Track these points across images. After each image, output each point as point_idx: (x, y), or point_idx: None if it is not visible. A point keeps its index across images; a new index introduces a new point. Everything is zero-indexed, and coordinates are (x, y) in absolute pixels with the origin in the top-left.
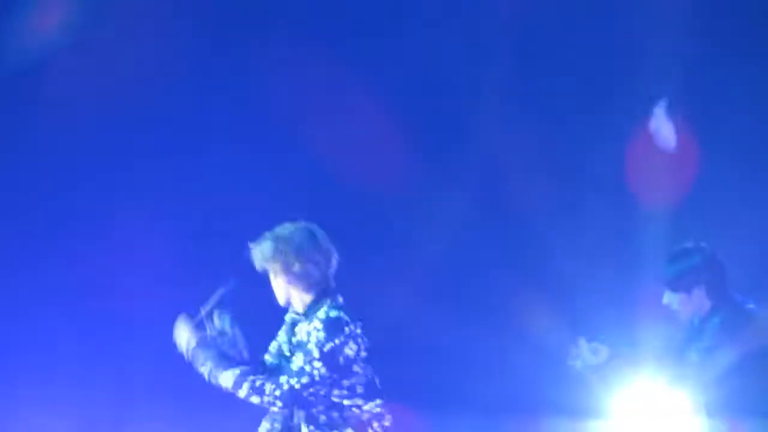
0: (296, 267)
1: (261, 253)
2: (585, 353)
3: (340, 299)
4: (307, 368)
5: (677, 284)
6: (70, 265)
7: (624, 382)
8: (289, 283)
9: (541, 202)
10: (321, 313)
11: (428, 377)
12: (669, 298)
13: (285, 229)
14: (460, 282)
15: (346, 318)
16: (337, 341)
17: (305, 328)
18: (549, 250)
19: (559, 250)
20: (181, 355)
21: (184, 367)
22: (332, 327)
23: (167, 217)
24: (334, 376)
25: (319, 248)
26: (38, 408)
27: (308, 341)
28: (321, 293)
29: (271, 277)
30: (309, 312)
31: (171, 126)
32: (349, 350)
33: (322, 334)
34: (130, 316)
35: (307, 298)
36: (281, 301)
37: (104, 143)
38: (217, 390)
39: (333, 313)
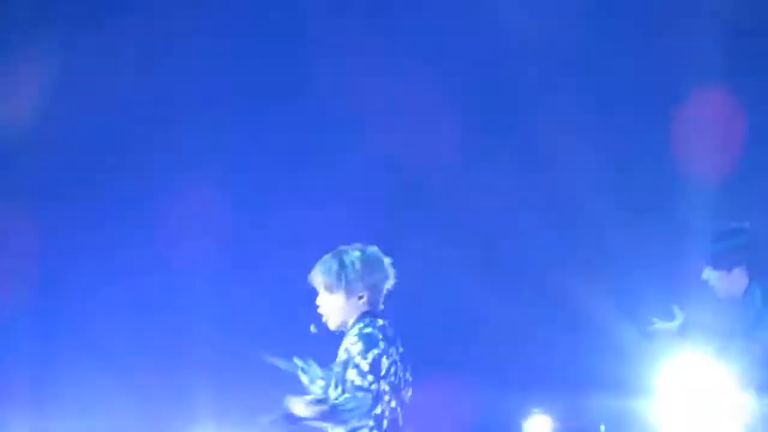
0: (355, 289)
1: (325, 271)
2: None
3: (381, 322)
4: (362, 382)
5: (719, 262)
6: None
7: (669, 357)
8: (343, 303)
9: (589, 177)
10: (354, 330)
11: (472, 350)
12: (709, 274)
13: (351, 251)
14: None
15: (380, 335)
16: (376, 351)
17: (342, 347)
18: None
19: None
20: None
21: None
22: (368, 339)
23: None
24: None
25: (381, 273)
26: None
27: (350, 357)
28: (364, 314)
29: (324, 294)
30: (356, 329)
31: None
32: (384, 363)
33: (360, 346)
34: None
35: (352, 318)
36: (327, 317)
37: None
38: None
39: (367, 330)
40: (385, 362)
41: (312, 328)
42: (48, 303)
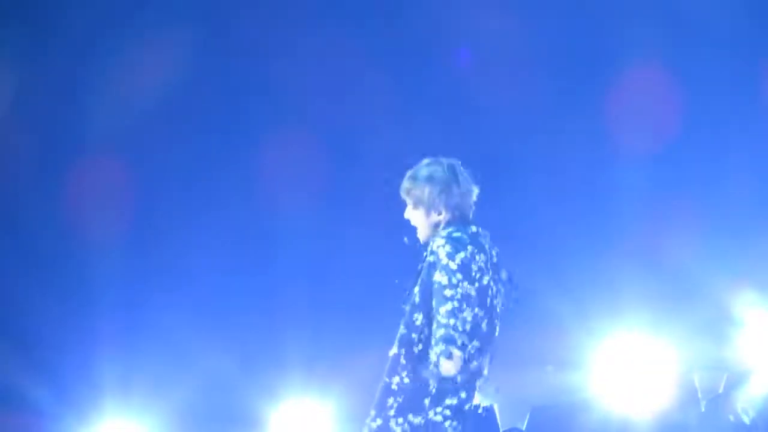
0: (434, 205)
1: (405, 187)
2: None
3: (473, 228)
4: (453, 280)
5: None
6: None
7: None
8: (424, 218)
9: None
10: (443, 233)
11: None
12: None
13: (425, 164)
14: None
15: (468, 240)
16: (463, 254)
17: (430, 250)
18: None
19: None
20: None
21: None
22: (456, 242)
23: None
24: (473, 288)
25: (457, 183)
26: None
27: (438, 259)
28: (452, 222)
29: (410, 208)
30: (443, 235)
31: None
32: (473, 267)
33: (448, 248)
34: None
35: (438, 230)
36: (418, 232)
37: None
38: None
39: (456, 234)
40: (473, 267)
41: (405, 240)
42: (144, 249)
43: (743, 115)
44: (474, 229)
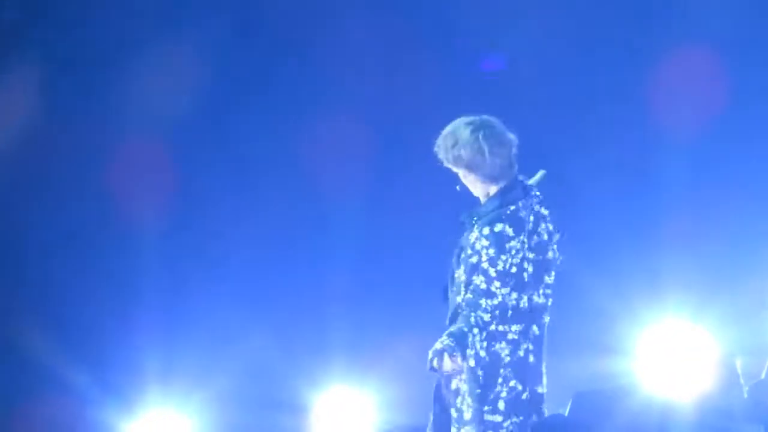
0: (466, 158)
1: (437, 149)
2: None
3: (512, 208)
4: (483, 286)
5: None
6: None
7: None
8: (467, 175)
9: None
10: (485, 228)
11: None
12: None
13: (455, 123)
14: None
15: (510, 232)
16: (504, 257)
17: (473, 239)
18: None
19: None
20: None
21: None
22: (499, 242)
23: None
24: (507, 291)
25: (494, 138)
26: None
27: (480, 260)
28: (503, 191)
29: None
30: (485, 211)
31: None
32: (514, 265)
33: (492, 250)
34: None
35: (491, 190)
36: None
37: None
38: None
39: (498, 227)
40: (514, 262)
41: (457, 187)
42: (186, 235)
43: None
44: (513, 207)
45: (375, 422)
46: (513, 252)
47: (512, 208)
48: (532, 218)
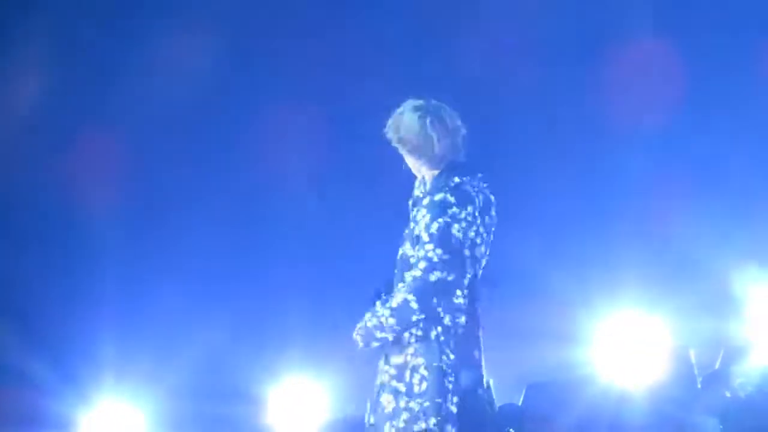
0: (413, 143)
1: (387, 129)
2: None
3: (456, 180)
4: (421, 253)
5: None
6: None
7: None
8: (410, 158)
9: None
10: (426, 199)
11: None
12: None
13: (405, 106)
14: None
15: (452, 199)
16: (441, 220)
17: (419, 213)
18: None
19: None
20: None
21: None
22: (436, 208)
23: None
24: (447, 257)
25: (441, 125)
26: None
27: (420, 228)
28: (447, 169)
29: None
30: (430, 190)
31: None
32: (456, 232)
33: (428, 216)
34: None
35: (434, 173)
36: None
37: None
38: None
39: (438, 196)
40: (456, 229)
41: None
42: (143, 228)
43: (745, 93)
44: (457, 179)
45: (328, 412)
46: (457, 219)
47: (456, 180)
48: (481, 197)
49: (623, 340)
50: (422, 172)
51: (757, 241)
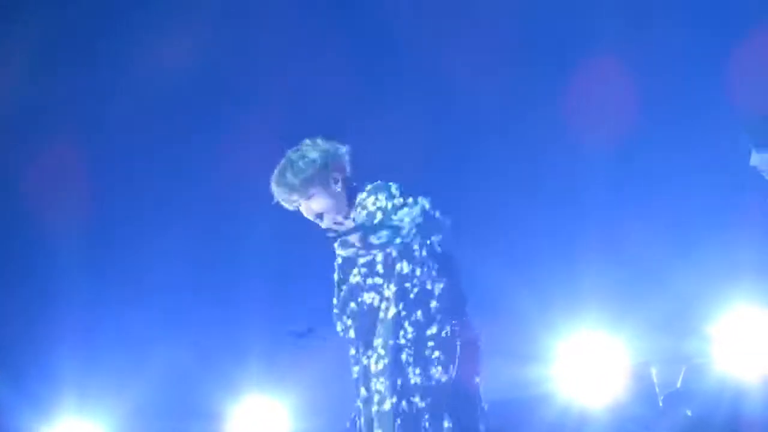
0: (328, 177)
1: (290, 183)
2: None
3: (368, 187)
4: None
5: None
6: None
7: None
8: (328, 195)
9: None
10: (366, 197)
11: None
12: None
13: (295, 153)
14: None
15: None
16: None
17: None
18: None
19: None
20: None
21: None
22: (386, 189)
23: None
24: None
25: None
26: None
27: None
28: (351, 198)
29: (308, 203)
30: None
31: None
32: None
33: (383, 196)
34: None
35: (345, 212)
36: (330, 221)
37: None
38: None
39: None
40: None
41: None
42: (103, 245)
43: (707, 108)
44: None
45: (289, 430)
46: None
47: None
48: None
49: (584, 358)
50: (331, 217)
51: (717, 259)
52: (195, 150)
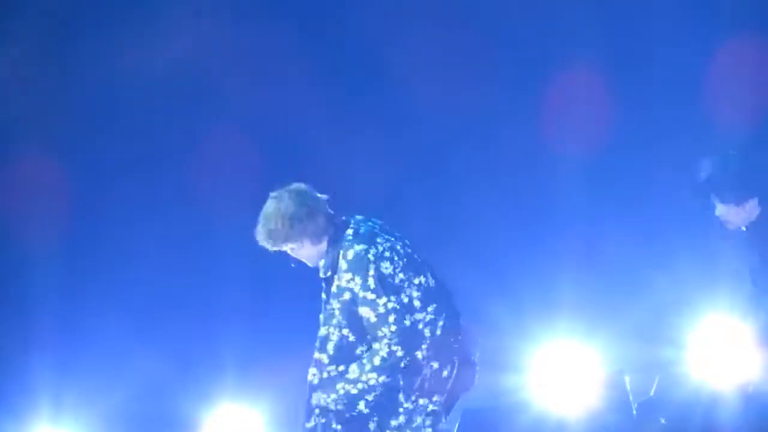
0: (296, 232)
1: (262, 239)
2: None
3: (349, 231)
4: (382, 309)
5: (730, 195)
6: None
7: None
8: (303, 248)
9: None
10: (342, 263)
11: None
12: (722, 210)
13: (269, 206)
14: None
15: (363, 248)
16: (371, 271)
17: (342, 284)
18: None
19: None
20: None
21: None
22: (356, 264)
23: None
24: (399, 297)
25: (307, 203)
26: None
27: (357, 293)
28: (331, 240)
29: (289, 252)
30: (331, 265)
31: None
32: (385, 269)
33: (357, 279)
34: None
35: (323, 249)
36: (312, 265)
37: None
38: None
39: (350, 254)
40: (383, 272)
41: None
42: (78, 252)
43: (680, 115)
44: (350, 232)
45: None
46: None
47: (349, 232)
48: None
49: (558, 367)
50: (314, 258)
51: (691, 267)
52: (174, 161)
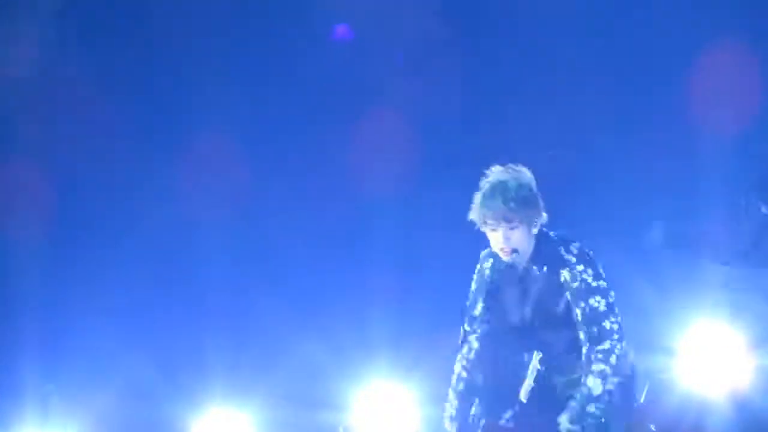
0: (541, 206)
1: (503, 209)
2: None
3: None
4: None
5: None
6: None
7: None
8: (528, 233)
9: None
10: (569, 256)
11: None
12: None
13: (513, 175)
14: None
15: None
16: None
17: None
18: None
19: None
20: None
21: None
22: (588, 257)
23: None
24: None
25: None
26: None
27: (583, 284)
28: (548, 235)
29: (505, 228)
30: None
31: None
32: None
33: (590, 270)
34: None
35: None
36: (514, 252)
37: None
38: None
39: (575, 247)
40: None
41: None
42: (64, 254)
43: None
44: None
45: None
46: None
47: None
48: None
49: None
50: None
51: (680, 274)
52: (160, 163)
